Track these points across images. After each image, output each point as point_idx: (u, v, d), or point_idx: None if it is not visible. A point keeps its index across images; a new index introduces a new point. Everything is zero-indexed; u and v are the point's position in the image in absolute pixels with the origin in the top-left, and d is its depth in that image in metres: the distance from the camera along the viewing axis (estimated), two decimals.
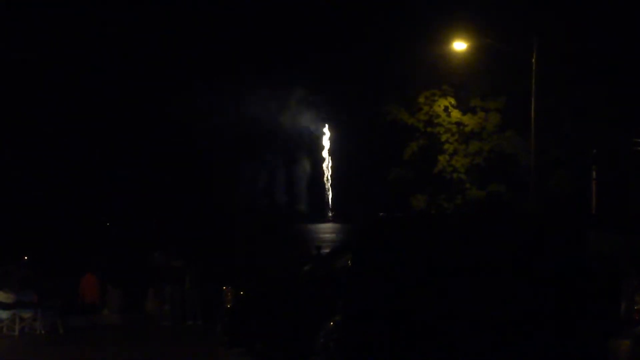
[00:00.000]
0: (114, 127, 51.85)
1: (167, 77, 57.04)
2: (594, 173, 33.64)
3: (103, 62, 52.89)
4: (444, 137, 36.87)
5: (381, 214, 30.84)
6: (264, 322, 17.62)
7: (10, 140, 45.46)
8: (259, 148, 71.02)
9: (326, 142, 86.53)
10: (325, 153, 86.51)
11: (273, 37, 75.14)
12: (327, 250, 29.02)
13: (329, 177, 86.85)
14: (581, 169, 33.64)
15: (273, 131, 72.06)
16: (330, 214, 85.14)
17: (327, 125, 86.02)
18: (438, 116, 36.87)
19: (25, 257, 33.09)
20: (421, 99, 37.06)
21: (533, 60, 30.15)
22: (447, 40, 33.97)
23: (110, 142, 51.39)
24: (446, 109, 36.80)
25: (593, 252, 12.03)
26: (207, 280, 29.38)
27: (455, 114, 36.68)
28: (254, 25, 69.55)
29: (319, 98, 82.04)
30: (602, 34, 32.46)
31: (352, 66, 74.21)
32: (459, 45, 33.16)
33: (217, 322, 24.78)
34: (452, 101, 36.78)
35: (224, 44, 65.50)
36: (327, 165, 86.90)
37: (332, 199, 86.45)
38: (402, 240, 12.83)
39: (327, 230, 68.15)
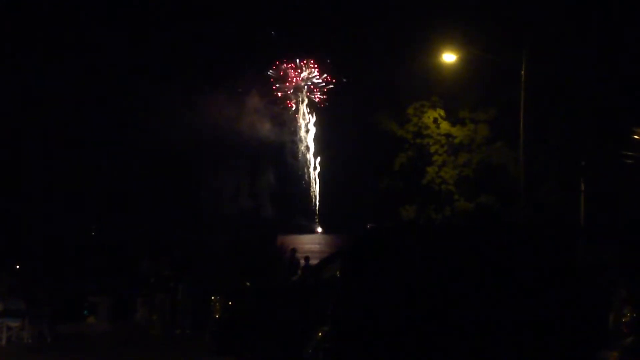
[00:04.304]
0: (98, 133, 51.95)
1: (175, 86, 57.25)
2: (583, 185, 33.73)
3: (87, 70, 52.77)
4: (433, 149, 36.94)
5: (369, 225, 30.83)
6: (253, 332, 17.62)
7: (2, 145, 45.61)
8: (244, 158, 71.07)
9: (314, 151, 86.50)
10: (312, 161, 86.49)
11: (264, 42, 75.42)
12: (315, 261, 29.06)
13: (316, 188, 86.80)
14: (570, 181, 33.72)
15: (254, 142, 72.09)
16: (317, 226, 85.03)
17: (313, 136, 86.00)
18: (427, 127, 36.94)
19: (17, 266, 32.99)
20: (410, 110, 37.13)
21: (522, 72, 30.25)
22: (437, 52, 34.06)
23: (96, 150, 51.46)
24: (435, 120, 36.88)
25: (582, 263, 12.09)
26: (198, 290, 29.33)
27: (445, 126, 36.75)
28: (244, 33, 69.67)
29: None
30: (591, 46, 32.60)
31: (343, 75, 74.60)
32: (449, 57, 33.25)
33: (206, 331, 24.77)
34: (442, 113, 36.86)
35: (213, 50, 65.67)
36: (314, 174, 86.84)
37: (319, 209, 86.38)
38: (392, 250, 12.86)
39: (314, 241, 68.07)
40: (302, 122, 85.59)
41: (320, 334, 13.82)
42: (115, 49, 55.49)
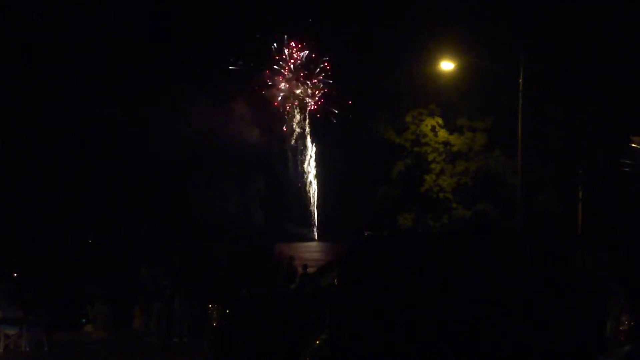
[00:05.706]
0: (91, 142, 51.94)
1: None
2: (580, 193, 33.75)
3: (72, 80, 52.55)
4: (430, 157, 36.98)
5: (367, 232, 30.82)
6: (251, 340, 17.61)
7: None
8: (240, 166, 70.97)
9: (312, 159, 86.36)
10: (311, 170, 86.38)
11: (260, 48, 75.58)
12: (313, 269, 29.05)
13: (314, 195, 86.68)
14: (567, 189, 33.73)
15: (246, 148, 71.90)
16: (315, 233, 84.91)
17: (312, 142, 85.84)
18: (425, 135, 37.00)
19: (15, 274, 32.93)
20: (408, 118, 37.19)
21: (520, 79, 30.28)
22: (435, 60, 34.08)
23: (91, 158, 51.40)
24: (433, 128, 36.93)
25: (580, 271, 12.07)
26: (195, 298, 29.32)
27: (443, 134, 36.80)
28: (238, 43, 69.86)
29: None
30: (588, 54, 32.63)
31: (341, 84, 74.64)
32: (447, 65, 33.26)
33: (203, 339, 24.75)
34: (440, 121, 36.91)
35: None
36: (311, 183, 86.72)
37: (317, 217, 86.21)
38: (389, 258, 12.84)
39: (312, 249, 68.01)
40: (296, 128, 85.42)
41: (317, 342, 13.80)
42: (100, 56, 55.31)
